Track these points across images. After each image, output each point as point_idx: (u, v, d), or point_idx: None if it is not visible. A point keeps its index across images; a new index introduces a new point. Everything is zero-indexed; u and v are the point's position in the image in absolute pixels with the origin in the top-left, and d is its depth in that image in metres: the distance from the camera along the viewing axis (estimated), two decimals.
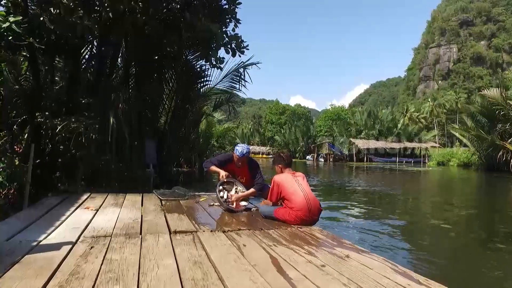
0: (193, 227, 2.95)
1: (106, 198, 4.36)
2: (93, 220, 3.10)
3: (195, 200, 4.45)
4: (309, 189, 3.33)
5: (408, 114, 67.41)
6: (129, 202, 4.16)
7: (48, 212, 3.36)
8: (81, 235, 2.56)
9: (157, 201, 4.35)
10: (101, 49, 7.32)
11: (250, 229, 2.98)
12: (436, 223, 5.32)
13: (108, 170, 6.55)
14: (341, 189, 11.09)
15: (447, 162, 31.78)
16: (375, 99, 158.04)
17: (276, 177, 3.46)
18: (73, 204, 3.80)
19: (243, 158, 4.00)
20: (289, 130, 52.47)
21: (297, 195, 3.23)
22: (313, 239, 2.75)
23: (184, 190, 4.77)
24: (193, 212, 3.71)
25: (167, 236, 2.63)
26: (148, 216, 3.39)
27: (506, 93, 19.46)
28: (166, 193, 4.63)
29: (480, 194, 11.57)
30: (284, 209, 3.31)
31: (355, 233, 4.59)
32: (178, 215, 3.48)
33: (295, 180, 3.36)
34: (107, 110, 6.20)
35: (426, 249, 4.02)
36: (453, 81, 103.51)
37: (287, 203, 3.31)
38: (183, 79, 8.57)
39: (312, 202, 3.22)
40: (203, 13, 7.29)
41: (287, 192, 3.31)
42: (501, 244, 4.25)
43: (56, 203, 3.85)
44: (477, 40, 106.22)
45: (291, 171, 3.53)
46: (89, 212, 3.43)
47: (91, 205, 3.78)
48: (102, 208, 3.68)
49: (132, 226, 2.95)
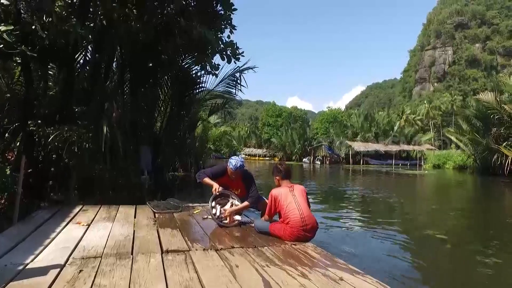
0: (186, 245, 2.91)
1: (99, 210, 4.30)
2: (84, 237, 3.04)
3: (189, 212, 4.40)
4: (306, 205, 3.29)
5: (404, 116, 67.74)
6: (121, 215, 4.10)
7: (38, 229, 3.30)
8: (70, 256, 2.51)
9: (150, 213, 4.30)
10: (95, 55, 7.26)
11: (243, 247, 2.94)
12: (432, 233, 5.31)
13: (101, 178, 6.48)
14: (337, 194, 11.07)
15: (443, 164, 31.93)
16: (371, 100, 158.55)
17: (273, 191, 3.42)
18: (64, 219, 3.74)
19: (237, 171, 3.93)
20: (286, 132, 52.47)
21: (292, 211, 3.20)
22: (307, 258, 2.71)
23: (178, 202, 4.72)
24: (186, 227, 3.66)
25: (159, 256, 2.59)
26: (141, 232, 3.34)
27: (501, 98, 19.60)
28: (159, 205, 4.57)
29: (476, 200, 11.61)
30: (280, 225, 3.28)
31: (349, 245, 4.56)
32: (171, 231, 3.43)
33: (291, 194, 3.32)
34: (100, 119, 6.13)
35: (421, 267, 3.98)
36: (448, 83, 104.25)
37: (283, 218, 3.28)
38: (178, 85, 8.52)
39: (308, 220, 3.18)
40: (198, 19, 7.26)
41: (282, 207, 3.28)
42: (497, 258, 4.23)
43: (47, 217, 3.78)
44: (472, 42, 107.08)
45: (289, 183, 3.49)
46: (80, 228, 3.37)
47: (82, 219, 3.72)
48: (94, 223, 3.62)
49: (124, 244, 2.89)
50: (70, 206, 4.44)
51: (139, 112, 8.05)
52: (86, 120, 6.13)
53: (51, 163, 5.99)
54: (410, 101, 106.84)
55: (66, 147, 5.68)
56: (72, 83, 6.81)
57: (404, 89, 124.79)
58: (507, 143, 18.57)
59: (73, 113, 6.24)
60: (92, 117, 6.23)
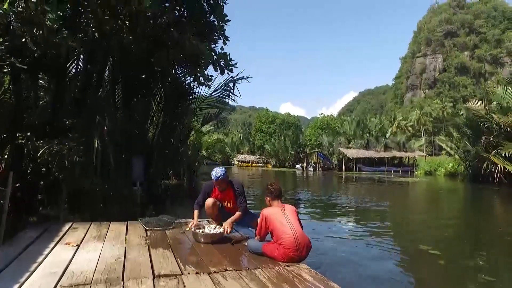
0: (178, 269, 2.85)
1: (89, 228, 4.21)
2: (73, 261, 2.96)
3: (181, 229, 4.33)
4: (298, 225, 3.27)
5: (396, 123, 68.53)
6: (112, 233, 4.02)
7: (25, 250, 3.20)
8: (58, 284, 2.43)
9: (142, 231, 4.23)
10: (87, 66, 7.19)
11: (236, 270, 2.89)
12: (425, 248, 5.31)
13: (92, 192, 6.37)
14: (330, 205, 11.06)
15: (434, 171, 32.27)
16: (363, 107, 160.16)
17: (264, 210, 3.39)
18: (53, 238, 3.64)
19: (218, 181, 4.01)
20: (279, 139, 52.54)
21: (285, 231, 3.17)
22: (301, 282, 2.67)
23: (170, 218, 4.66)
24: (179, 246, 3.60)
25: (150, 282, 2.52)
26: (132, 253, 3.27)
27: (490, 107, 19.95)
28: (151, 221, 4.50)
29: (467, 210, 11.73)
30: (273, 245, 3.24)
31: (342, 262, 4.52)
32: (163, 251, 3.36)
33: (283, 214, 3.29)
34: (92, 131, 6.04)
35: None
36: (439, 90, 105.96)
37: (276, 238, 3.24)
38: (171, 96, 8.47)
39: (301, 239, 3.15)
40: (191, 30, 7.25)
41: (275, 227, 3.24)
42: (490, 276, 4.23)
43: (35, 236, 3.68)
44: (461, 50, 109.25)
45: (280, 203, 3.46)
46: (70, 249, 3.28)
47: (72, 239, 3.63)
48: (84, 243, 3.53)
49: (114, 268, 2.82)
50: (59, 224, 4.33)
51: (131, 123, 7.97)
52: (77, 132, 6.03)
53: (40, 176, 5.86)
54: (401, 108, 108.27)
55: (56, 161, 5.58)
56: (63, 94, 6.73)
57: (396, 96, 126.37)
58: (496, 151, 18.86)
59: (64, 125, 6.15)
60: (83, 130, 6.14)
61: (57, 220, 5.25)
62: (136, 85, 7.83)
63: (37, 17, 4.84)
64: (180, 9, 7.86)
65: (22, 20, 5.02)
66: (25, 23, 5.05)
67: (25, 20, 4.94)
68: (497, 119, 18.73)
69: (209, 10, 7.88)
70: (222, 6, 7.81)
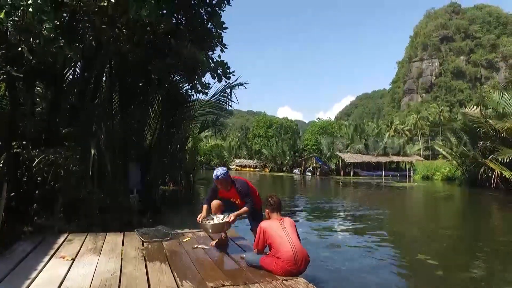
0: (175, 284, 2.81)
1: (85, 240, 4.16)
2: (68, 276, 2.91)
3: (178, 241, 4.29)
4: (296, 238, 3.24)
5: (393, 127, 68.84)
6: (108, 245, 3.97)
7: (18, 265, 3.15)
8: None
9: (138, 242, 4.18)
10: (84, 74, 7.16)
11: (233, 285, 2.85)
12: (423, 258, 5.27)
13: (89, 201, 6.31)
14: (327, 213, 11.01)
15: (432, 176, 32.33)
16: (361, 111, 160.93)
17: (262, 223, 3.36)
18: (48, 252, 3.59)
19: (218, 181, 3.95)
20: (276, 143, 52.51)
21: (283, 245, 3.14)
22: None
23: (168, 229, 4.61)
24: (176, 259, 3.56)
25: None
26: (128, 267, 3.22)
27: (486, 112, 20.06)
28: (148, 232, 4.45)
29: (465, 217, 11.71)
30: (271, 258, 3.21)
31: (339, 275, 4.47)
32: (160, 265, 3.32)
33: (282, 228, 3.26)
34: (88, 140, 6.00)
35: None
36: (435, 94, 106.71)
37: (274, 251, 3.21)
38: (168, 103, 8.45)
39: (299, 253, 3.12)
40: (189, 39, 7.25)
41: (273, 240, 3.21)
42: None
43: (29, 250, 3.63)
44: (457, 55, 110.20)
45: (279, 216, 3.44)
46: (64, 264, 3.23)
47: (67, 252, 3.58)
48: (79, 256, 3.48)
49: (110, 284, 2.78)
50: (53, 236, 4.27)
51: (128, 131, 7.94)
52: (73, 141, 5.99)
53: (35, 185, 5.80)
54: (398, 112, 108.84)
55: (52, 170, 5.53)
56: (59, 101, 6.69)
57: (393, 100, 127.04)
58: (493, 157, 18.93)
59: (60, 133, 6.10)
60: (79, 138, 6.10)
61: (52, 230, 5.19)
62: (133, 92, 7.81)
63: (33, 27, 4.81)
64: (178, 16, 7.87)
65: (19, 29, 5.00)
66: (22, 32, 5.03)
67: (21, 29, 4.91)
68: (493, 124, 18.83)
69: (206, 17, 7.90)
70: (220, 13, 7.82)
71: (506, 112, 18.47)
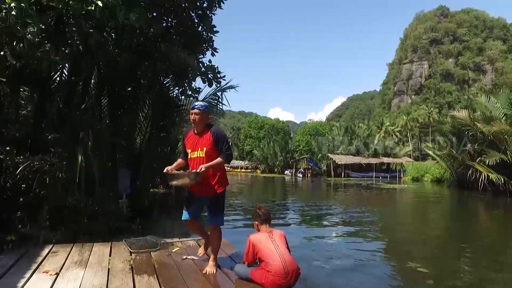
0: None
1: (70, 252, 4.04)
2: None
3: (167, 251, 4.20)
4: (286, 251, 3.20)
5: (384, 128, 69.59)
6: (95, 257, 3.86)
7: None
8: None
9: (126, 253, 4.08)
10: (71, 78, 7.00)
11: None
12: (413, 266, 5.29)
13: (76, 208, 6.16)
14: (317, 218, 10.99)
15: (421, 177, 32.80)
16: (352, 112, 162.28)
17: (251, 236, 3.31)
18: (30, 265, 3.46)
19: (195, 111, 3.28)
20: (268, 144, 52.56)
21: (273, 258, 3.09)
22: None
23: (156, 239, 4.52)
24: (164, 272, 3.47)
25: None
26: (115, 281, 3.13)
27: (474, 115, 20.40)
28: (136, 242, 4.35)
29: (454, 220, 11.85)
30: (261, 271, 3.15)
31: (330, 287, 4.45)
32: (148, 278, 3.24)
33: (271, 240, 3.21)
34: (75, 146, 5.85)
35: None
36: (425, 96, 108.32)
37: (264, 265, 3.15)
38: (158, 107, 8.34)
39: (289, 266, 3.08)
40: (179, 43, 7.15)
41: (263, 253, 3.16)
42: None
43: (10, 264, 3.49)
44: (445, 57, 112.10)
45: (268, 228, 3.38)
46: (48, 279, 3.12)
47: (51, 266, 3.47)
48: (64, 271, 3.37)
49: None
50: (37, 248, 4.12)
51: (117, 135, 7.80)
52: (60, 147, 5.83)
53: (19, 192, 5.64)
54: (389, 113, 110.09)
55: (37, 177, 5.38)
56: (45, 106, 6.52)
57: (384, 101, 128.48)
58: (481, 159, 19.24)
59: (46, 139, 5.94)
60: (66, 145, 5.94)
61: (37, 239, 5.05)
62: (122, 96, 7.68)
63: (17, 30, 4.67)
64: (168, 19, 7.78)
65: (1, 33, 4.85)
66: (4, 36, 4.88)
67: (4, 32, 4.76)
68: (481, 127, 19.15)
69: (197, 20, 7.82)
70: (211, 17, 7.76)
71: (493, 116, 18.79)
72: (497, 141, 18.82)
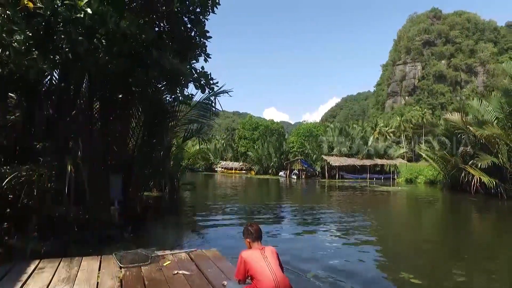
0: None
1: (58, 267, 3.92)
2: None
3: (158, 265, 4.12)
4: (278, 268, 3.14)
5: (378, 129, 69.88)
6: (83, 273, 3.75)
7: None
8: None
9: (116, 268, 3.98)
10: (61, 84, 6.88)
11: None
12: (406, 276, 5.26)
13: (65, 218, 6.03)
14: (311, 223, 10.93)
15: (415, 179, 32.98)
16: (346, 112, 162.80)
17: (243, 253, 3.24)
18: (15, 283, 3.36)
19: None
20: (262, 145, 52.39)
21: (265, 275, 3.02)
22: None
23: (147, 252, 4.42)
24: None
25: None
26: None
27: (466, 118, 20.55)
28: (127, 256, 4.25)
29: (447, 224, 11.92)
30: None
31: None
32: None
33: (263, 257, 3.15)
34: (64, 155, 5.74)
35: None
36: (418, 97, 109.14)
37: (255, 282, 3.09)
38: (150, 113, 8.24)
39: (281, 283, 3.01)
40: (172, 48, 7.05)
41: (254, 271, 3.09)
42: None
43: None
44: (438, 59, 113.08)
45: (260, 245, 3.32)
46: None
47: (37, 284, 3.36)
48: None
49: None
50: (22, 264, 3.98)
51: (109, 142, 7.68)
52: (48, 156, 5.71)
53: (7, 203, 5.51)
54: (383, 114, 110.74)
55: (25, 188, 5.26)
56: (34, 113, 6.39)
57: (377, 102, 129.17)
58: (473, 162, 19.38)
59: (35, 148, 5.81)
60: (55, 153, 5.82)
61: (23, 252, 4.93)
62: (114, 102, 7.57)
63: (2, 38, 4.55)
64: (160, 24, 7.67)
65: None
66: None
67: None
68: (473, 131, 19.29)
69: (190, 26, 7.73)
70: (204, 22, 7.67)
71: (485, 120, 18.94)
72: (489, 144, 18.98)
